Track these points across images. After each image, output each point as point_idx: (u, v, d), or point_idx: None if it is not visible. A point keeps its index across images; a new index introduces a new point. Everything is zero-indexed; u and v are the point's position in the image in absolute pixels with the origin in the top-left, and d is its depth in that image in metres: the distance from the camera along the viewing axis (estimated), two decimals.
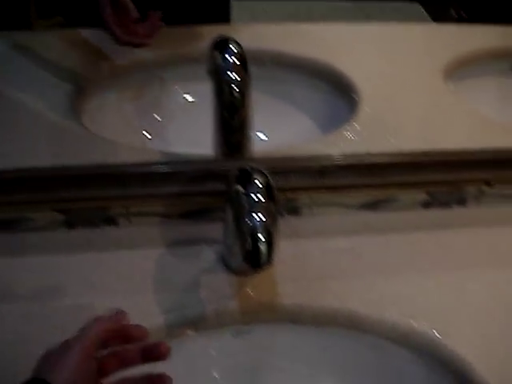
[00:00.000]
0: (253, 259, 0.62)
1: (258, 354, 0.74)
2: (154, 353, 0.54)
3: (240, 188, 0.64)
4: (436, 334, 0.68)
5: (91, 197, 0.76)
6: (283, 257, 0.73)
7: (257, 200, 0.62)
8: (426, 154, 0.80)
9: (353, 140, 0.83)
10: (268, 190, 0.63)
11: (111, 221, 0.78)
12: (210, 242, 0.76)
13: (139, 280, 0.72)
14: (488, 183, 0.83)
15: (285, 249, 0.74)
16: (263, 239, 0.61)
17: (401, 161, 0.80)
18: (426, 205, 0.84)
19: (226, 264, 0.73)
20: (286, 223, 0.78)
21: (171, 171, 0.76)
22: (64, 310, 0.67)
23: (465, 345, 0.67)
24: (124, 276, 0.72)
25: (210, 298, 0.70)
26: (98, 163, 0.76)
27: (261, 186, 0.63)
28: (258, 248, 0.61)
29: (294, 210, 0.81)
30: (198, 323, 0.69)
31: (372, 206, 0.82)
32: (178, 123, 0.91)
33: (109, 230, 0.78)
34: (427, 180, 0.82)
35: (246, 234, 0.62)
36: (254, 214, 0.61)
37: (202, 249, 0.76)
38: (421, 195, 0.83)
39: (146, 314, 0.67)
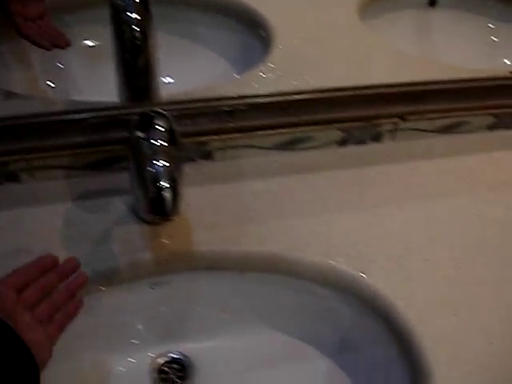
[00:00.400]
0: (157, 207, 0.59)
1: (180, 304, 0.74)
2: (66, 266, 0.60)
3: (140, 134, 0.61)
4: (356, 272, 0.68)
5: None
6: (198, 203, 0.72)
7: (158, 145, 0.60)
8: (339, 89, 0.79)
9: (266, 79, 0.81)
10: (170, 135, 0.61)
11: (13, 177, 0.74)
12: (119, 192, 0.73)
13: (47, 237, 0.69)
14: (402, 117, 0.82)
15: (199, 195, 0.73)
16: (167, 186, 0.59)
17: (314, 98, 0.78)
18: (342, 142, 0.83)
19: (137, 214, 0.71)
20: (198, 169, 0.76)
21: (74, 120, 0.72)
22: None
23: (385, 282, 0.67)
24: (31, 234, 0.69)
25: (123, 250, 0.68)
26: None
27: (162, 130, 0.60)
28: (161, 196, 0.59)
29: (207, 155, 0.78)
30: (111, 277, 0.67)
31: (287, 146, 0.81)
32: (82, 70, 0.86)
33: (11, 186, 0.74)
34: (342, 117, 0.81)
35: (148, 181, 0.59)
36: (155, 161, 0.59)
37: (112, 200, 0.73)
38: (336, 133, 0.82)
39: None
